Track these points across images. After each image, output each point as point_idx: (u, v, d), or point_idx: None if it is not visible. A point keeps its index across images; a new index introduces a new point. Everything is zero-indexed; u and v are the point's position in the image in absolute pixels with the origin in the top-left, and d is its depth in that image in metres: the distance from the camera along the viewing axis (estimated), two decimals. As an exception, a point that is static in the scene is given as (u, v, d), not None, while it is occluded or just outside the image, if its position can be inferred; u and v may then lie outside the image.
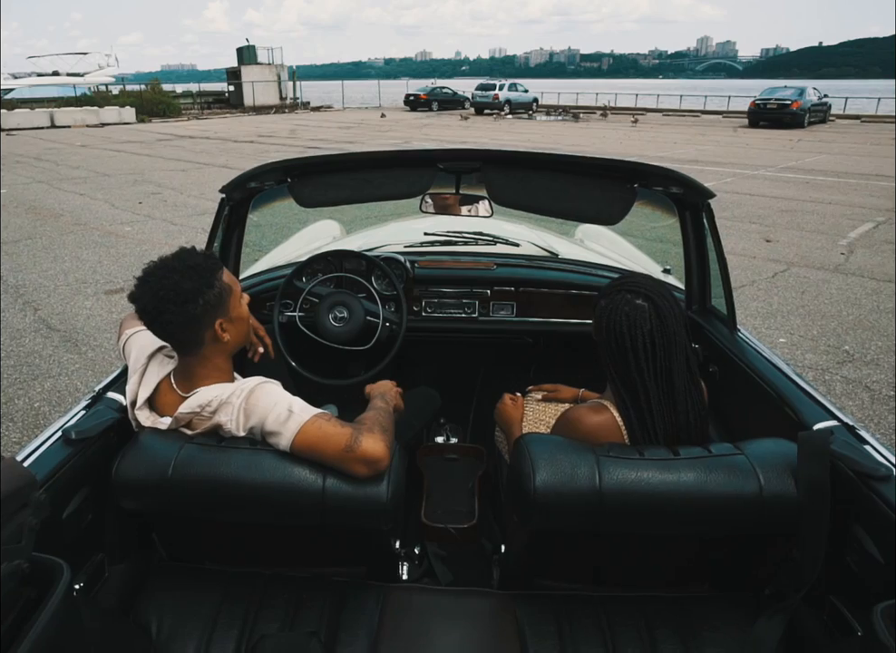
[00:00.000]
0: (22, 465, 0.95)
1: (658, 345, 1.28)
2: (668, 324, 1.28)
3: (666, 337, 1.28)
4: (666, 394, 1.29)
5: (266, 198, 1.89)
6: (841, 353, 3.97)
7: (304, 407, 1.23)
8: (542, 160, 1.71)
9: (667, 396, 1.30)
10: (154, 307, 1.18)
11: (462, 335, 2.25)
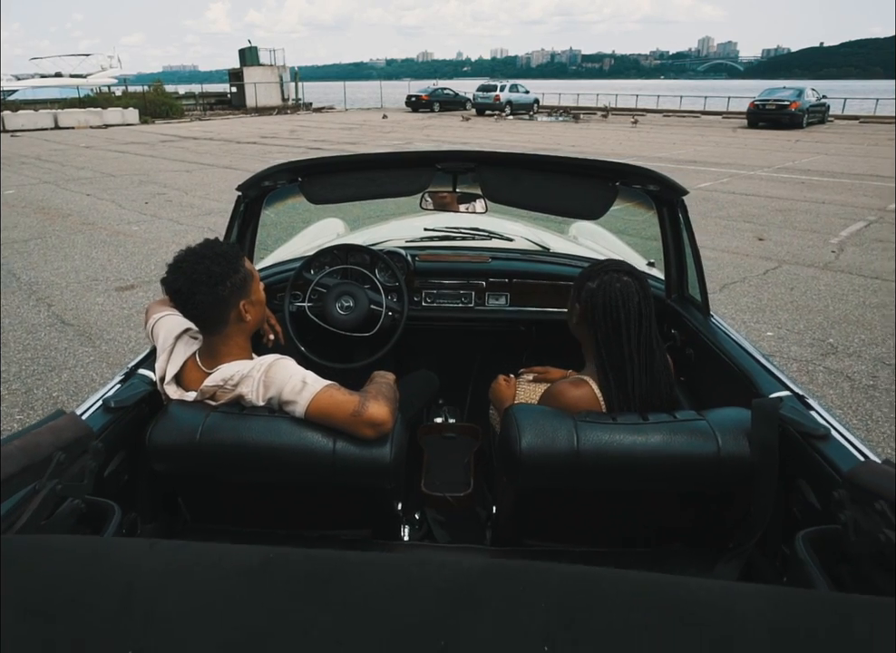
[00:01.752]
0: (81, 418, 1.12)
1: (644, 316, 1.45)
2: (649, 296, 1.45)
3: (649, 309, 1.45)
4: (647, 363, 1.46)
5: (278, 196, 2.05)
6: (825, 345, 4.12)
7: (316, 379, 1.39)
8: (532, 161, 1.87)
9: (647, 365, 1.46)
10: (188, 288, 1.34)
11: (460, 323, 2.41)
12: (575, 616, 0.56)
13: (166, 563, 0.63)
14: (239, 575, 0.61)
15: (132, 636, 0.55)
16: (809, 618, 0.57)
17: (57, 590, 0.60)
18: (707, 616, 0.57)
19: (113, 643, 0.54)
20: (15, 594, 0.59)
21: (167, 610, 0.58)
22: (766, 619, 0.56)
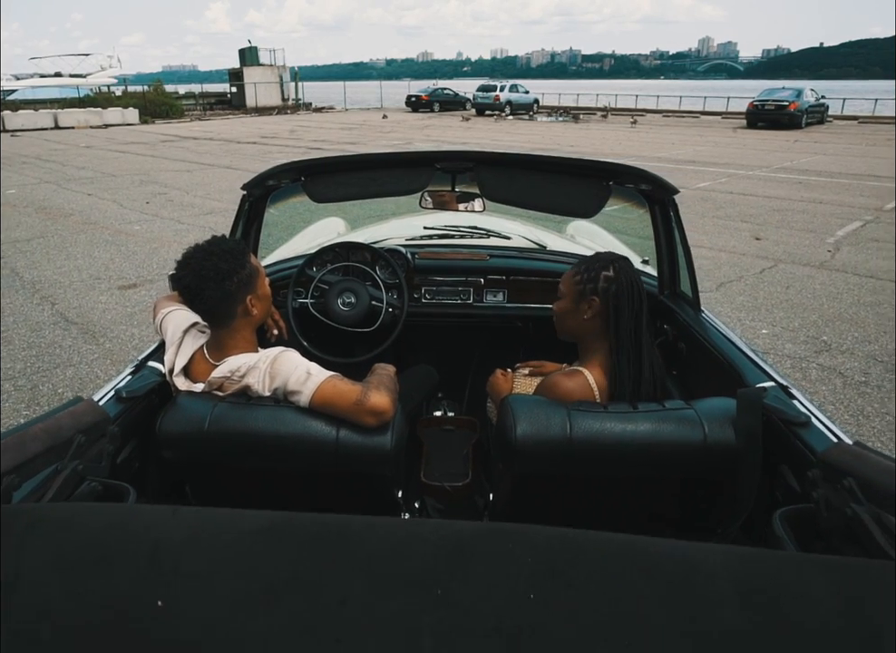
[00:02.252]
0: (98, 404, 1.17)
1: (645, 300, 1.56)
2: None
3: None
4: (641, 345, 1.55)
5: (282, 194, 2.11)
6: (819, 343, 4.18)
7: (320, 370, 1.45)
8: (528, 161, 1.92)
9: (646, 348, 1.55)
10: (197, 284, 1.40)
11: (458, 319, 2.47)
12: (557, 568, 0.62)
13: (188, 526, 0.69)
14: (255, 535, 0.67)
15: (160, 589, 0.60)
16: (768, 572, 0.63)
17: (91, 550, 0.66)
18: (675, 569, 0.63)
19: (143, 595, 0.60)
20: (53, 553, 0.65)
21: (190, 566, 0.63)
22: (729, 572, 0.62)
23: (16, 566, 0.63)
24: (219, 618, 0.58)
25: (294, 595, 0.59)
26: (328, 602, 0.59)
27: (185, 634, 0.56)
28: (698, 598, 0.59)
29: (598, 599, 0.59)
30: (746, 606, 0.58)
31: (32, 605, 0.59)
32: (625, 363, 1.54)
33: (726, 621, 0.57)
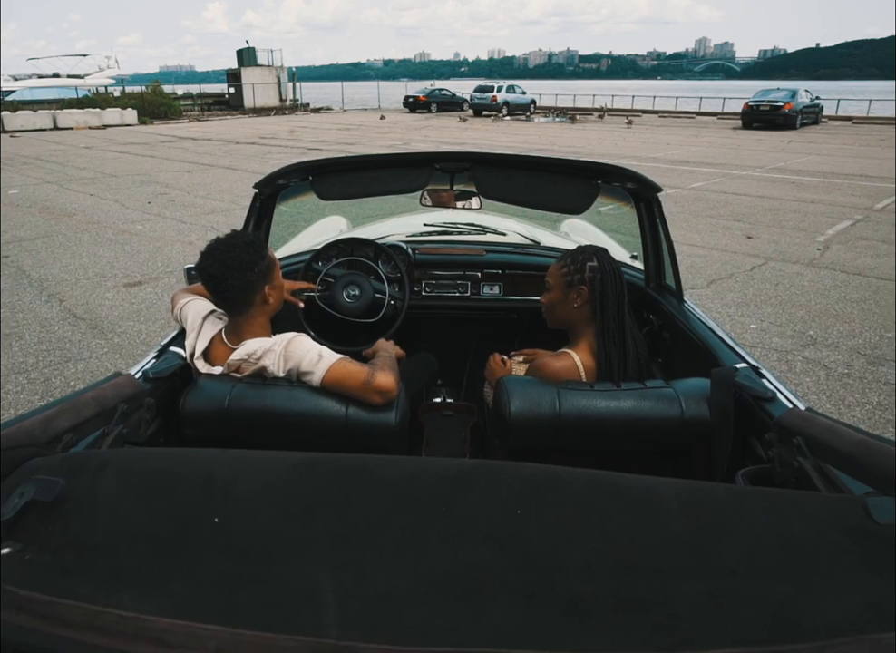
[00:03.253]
0: (135, 378, 1.30)
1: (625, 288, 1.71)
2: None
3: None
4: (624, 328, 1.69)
5: (291, 192, 2.24)
6: (805, 337, 4.32)
7: (330, 353, 1.58)
8: (522, 161, 2.06)
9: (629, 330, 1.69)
10: (221, 273, 1.53)
11: (457, 311, 2.60)
12: (540, 492, 0.75)
13: (236, 462, 0.82)
14: (293, 468, 0.80)
15: (215, 509, 0.73)
16: (711, 497, 0.76)
17: (154, 480, 0.79)
18: (637, 494, 0.76)
19: (201, 513, 0.73)
20: (123, 484, 0.78)
21: (240, 492, 0.76)
22: (679, 496, 0.75)
23: (94, 495, 0.76)
24: (266, 531, 0.71)
25: (327, 513, 0.73)
26: (355, 517, 0.72)
27: (238, 542, 0.69)
28: (652, 513, 0.73)
29: (572, 515, 0.73)
30: (689, 515, 0.71)
31: (110, 524, 0.72)
32: (611, 344, 1.68)
33: (672, 528, 0.71)
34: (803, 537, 0.70)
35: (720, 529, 0.71)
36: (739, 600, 0.61)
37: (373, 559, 0.66)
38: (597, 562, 0.66)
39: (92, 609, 0.60)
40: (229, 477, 0.78)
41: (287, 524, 0.71)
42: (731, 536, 0.70)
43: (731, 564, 0.66)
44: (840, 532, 0.71)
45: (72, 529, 0.72)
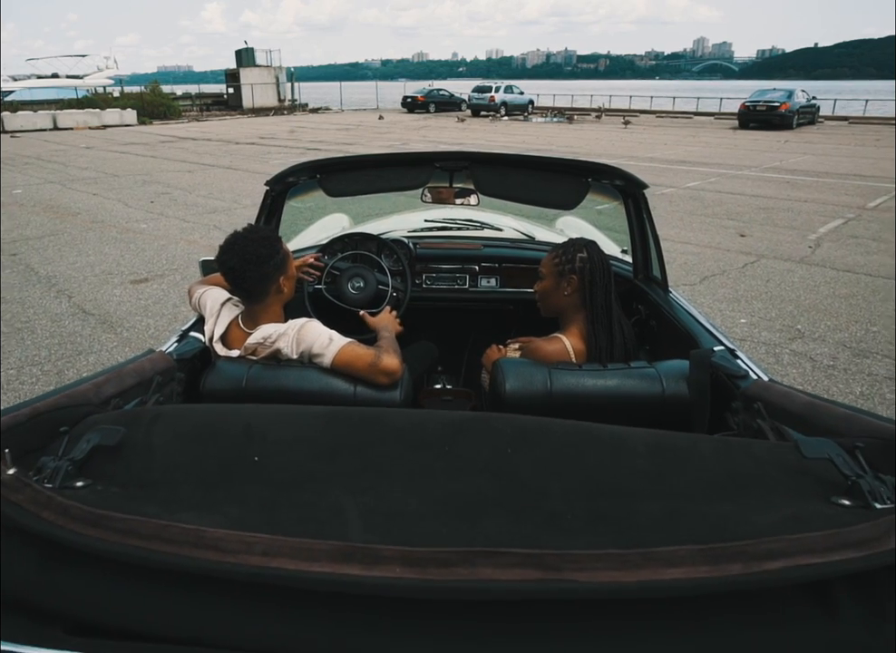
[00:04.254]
0: (167, 354, 1.44)
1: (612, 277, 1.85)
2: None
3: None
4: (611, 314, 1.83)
5: (300, 190, 2.37)
6: (793, 331, 4.47)
7: (340, 337, 1.71)
8: (518, 160, 2.20)
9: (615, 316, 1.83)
10: (240, 266, 1.66)
11: (456, 303, 2.74)
12: (528, 436, 0.89)
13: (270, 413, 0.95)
14: (319, 417, 0.93)
15: (254, 451, 0.87)
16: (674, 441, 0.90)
17: (200, 429, 0.92)
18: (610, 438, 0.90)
19: (243, 454, 0.86)
20: (173, 432, 0.91)
21: (274, 437, 0.90)
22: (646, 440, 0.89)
23: (149, 441, 0.89)
24: (297, 467, 0.84)
25: (348, 452, 0.86)
26: (372, 455, 0.85)
27: (275, 476, 0.83)
28: (622, 453, 0.86)
29: (554, 453, 0.86)
30: (653, 455, 0.85)
31: (166, 464, 0.86)
32: (599, 329, 1.81)
33: (638, 464, 0.84)
34: (747, 472, 0.84)
35: (678, 465, 0.85)
36: (688, 516, 0.74)
37: (388, 486, 0.80)
38: (573, 489, 0.79)
39: (159, 523, 0.73)
40: (264, 426, 0.92)
41: (315, 461, 0.85)
42: (686, 470, 0.84)
43: (684, 491, 0.80)
44: (777, 468, 0.84)
45: (133, 468, 0.86)
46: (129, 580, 0.76)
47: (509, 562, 0.68)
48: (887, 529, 0.70)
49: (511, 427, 0.90)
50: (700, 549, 0.68)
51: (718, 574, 0.67)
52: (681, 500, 0.78)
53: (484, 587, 0.67)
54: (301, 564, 0.69)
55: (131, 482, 0.83)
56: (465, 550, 0.68)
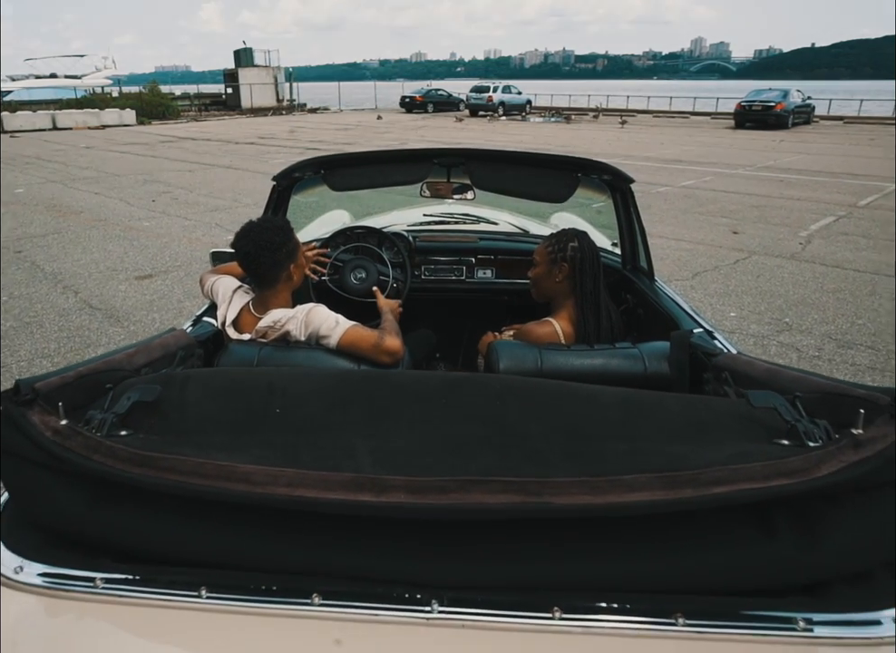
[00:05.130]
0: (187, 333, 1.56)
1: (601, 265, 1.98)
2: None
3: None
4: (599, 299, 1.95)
5: (305, 184, 2.49)
6: (781, 324, 4.60)
7: (345, 320, 1.84)
8: (512, 156, 2.32)
9: (603, 301, 1.96)
10: (255, 252, 1.78)
11: (453, 293, 2.87)
12: (516, 390, 1.01)
13: (288, 373, 1.08)
14: (331, 377, 1.06)
15: (276, 403, 0.99)
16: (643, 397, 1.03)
17: (228, 386, 1.05)
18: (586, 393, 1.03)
19: (267, 406, 0.99)
20: (204, 390, 1.04)
21: (293, 392, 1.02)
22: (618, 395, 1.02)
23: (183, 398, 1.02)
24: (314, 416, 0.97)
25: (358, 403, 0.99)
26: (379, 406, 0.98)
27: (295, 424, 0.95)
28: (596, 405, 0.99)
29: (537, 405, 0.99)
30: (623, 407, 0.98)
31: (199, 416, 0.98)
32: (588, 313, 1.94)
33: (610, 414, 0.97)
34: (703, 420, 0.97)
35: (644, 415, 0.97)
36: (649, 453, 0.87)
37: (393, 430, 0.92)
38: (552, 432, 0.92)
39: (196, 460, 0.85)
40: (284, 383, 1.04)
41: (329, 411, 0.97)
42: (651, 419, 0.96)
43: (648, 435, 0.93)
44: (730, 417, 0.97)
45: (169, 419, 0.98)
46: (168, 512, 0.89)
47: (496, 489, 0.81)
48: (817, 461, 0.83)
49: (500, 384, 1.03)
50: (658, 476, 0.81)
51: (673, 496, 0.80)
52: (645, 441, 0.91)
53: (476, 509, 0.80)
54: (320, 493, 0.82)
55: (168, 431, 0.96)
56: (460, 479, 0.81)
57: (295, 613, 0.83)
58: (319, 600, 0.83)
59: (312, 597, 0.83)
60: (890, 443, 0.84)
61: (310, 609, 0.83)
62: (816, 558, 0.84)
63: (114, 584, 0.87)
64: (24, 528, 0.98)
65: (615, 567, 0.85)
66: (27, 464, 0.94)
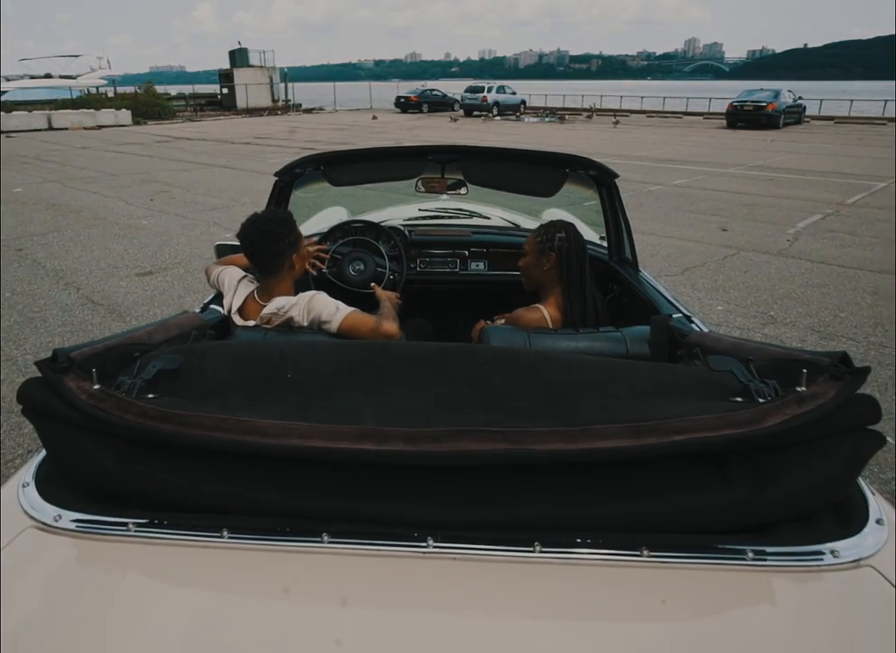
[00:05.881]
0: (199, 315, 1.68)
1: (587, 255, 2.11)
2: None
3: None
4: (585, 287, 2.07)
5: (305, 180, 2.61)
6: (766, 317, 4.74)
7: (345, 306, 1.96)
8: (503, 153, 2.44)
9: (588, 289, 2.08)
10: (260, 241, 1.90)
11: (447, 284, 2.99)
12: (501, 356, 1.13)
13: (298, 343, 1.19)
14: (337, 346, 1.18)
15: (288, 368, 1.11)
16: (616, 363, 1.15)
17: (241, 355, 1.16)
18: (565, 360, 1.15)
19: (279, 371, 1.11)
20: (221, 358, 1.16)
21: (303, 360, 1.14)
22: (594, 362, 1.14)
23: (203, 366, 1.13)
24: (323, 380, 1.08)
25: (362, 369, 1.11)
26: (381, 371, 1.10)
27: (306, 386, 1.07)
28: (573, 369, 1.11)
29: (520, 369, 1.11)
30: (598, 372, 1.10)
31: (218, 381, 1.10)
32: (574, 299, 2.06)
33: (585, 377, 1.09)
34: (670, 382, 1.09)
35: (616, 378, 1.09)
36: (619, 409, 0.99)
37: (393, 391, 1.04)
38: (533, 392, 1.04)
39: (218, 417, 0.97)
40: (295, 351, 1.16)
41: (337, 376, 1.09)
42: (622, 381, 1.09)
43: (619, 393, 1.05)
44: (692, 380, 1.10)
45: (191, 384, 1.10)
46: (193, 464, 1.00)
47: (483, 438, 0.93)
48: (765, 414, 0.95)
49: (487, 352, 1.15)
50: (625, 426, 0.93)
51: (637, 444, 0.92)
52: (615, 399, 1.03)
53: (465, 455, 0.92)
54: (329, 443, 0.93)
55: (190, 394, 1.07)
56: (451, 430, 0.93)
57: (307, 550, 0.95)
58: (328, 539, 0.94)
59: (322, 536, 0.95)
60: (829, 399, 0.97)
61: (320, 546, 0.94)
62: (766, 501, 0.96)
63: (145, 527, 0.98)
64: (59, 483, 1.09)
65: (588, 508, 0.97)
66: (64, 425, 1.05)
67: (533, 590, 0.91)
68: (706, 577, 0.93)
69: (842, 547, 0.95)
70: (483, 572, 0.93)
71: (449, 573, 0.93)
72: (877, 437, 1.01)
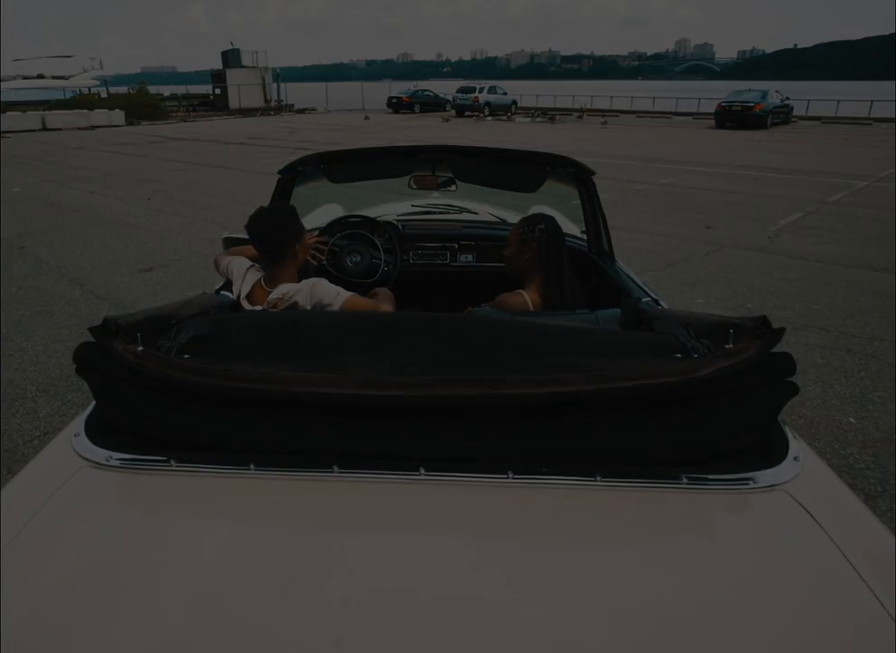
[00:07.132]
0: (217, 295, 1.88)
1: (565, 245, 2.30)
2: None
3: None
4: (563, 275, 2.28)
5: (306, 177, 2.81)
6: (743, 309, 4.97)
7: (345, 291, 2.16)
8: (489, 152, 2.65)
9: (566, 277, 2.28)
10: (266, 230, 2.10)
11: (438, 275, 3.20)
12: (482, 323, 1.34)
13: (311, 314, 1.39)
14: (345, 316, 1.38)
15: (303, 333, 1.31)
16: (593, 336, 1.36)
17: (265, 325, 1.37)
18: (536, 326, 1.36)
19: (295, 337, 1.31)
20: (231, 327, 1.36)
21: (315, 325, 1.35)
22: (568, 332, 1.35)
23: (228, 333, 1.34)
24: (331, 343, 1.29)
25: (365, 334, 1.31)
26: (380, 336, 1.30)
27: (318, 347, 1.27)
28: (548, 337, 1.33)
29: (498, 333, 1.32)
30: (565, 337, 1.31)
31: (242, 345, 1.30)
32: (553, 285, 2.27)
33: (553, 339, 1.30)
34: (624, 342, 1.30)
35: (580, 341, 1.30)
36: (580, 364, 1.20)
37: (391, 351, 1.25)
38: (508, 351, 1.25)
39: (245, 369, 1.17)
40: (308, 320, 1.37)
41: (344, 341, 1.30)
42: (585, 344, 1.30)
43: (582, 353, 1.26)
44: (643, 342, 1.31)
45: (220, 347, 1.30)
46: (224, 410, 1.21)
47: (467, 384, 1.13)
48: (698, 365, 1.17)
49: (470, 319, 1.36)
50: (585, 374, 1.14)
51: (594, 388, 1.13)
52: (578, 357, 1.24)
53: (452, 397, 1.13)
54: (338, 389, 1.14)
55: (219, 355, 1.27)
56: (440, 379, 1.14)
57: (320, 478, 1.15)
58: (338, 469, 1.15)
59: (332, 467, 1.15)
60: (751, 354, 1.18)
61: (331, 475, 1.15)
62: (701, 438, 1.17)
63: (185, 463, 1.18)
64: (108, 432, 1.29)
65: (554, 444, 1.18)
66: (113, 381, 1.25)
67: (506, 509, 1.12)
68: (649, 497, 1.14)
69: (763, 475, 1.17)
70: (465, 494, 1.14)
71: (437, 496, 1.14)
72: (793, 387, 1.23)
